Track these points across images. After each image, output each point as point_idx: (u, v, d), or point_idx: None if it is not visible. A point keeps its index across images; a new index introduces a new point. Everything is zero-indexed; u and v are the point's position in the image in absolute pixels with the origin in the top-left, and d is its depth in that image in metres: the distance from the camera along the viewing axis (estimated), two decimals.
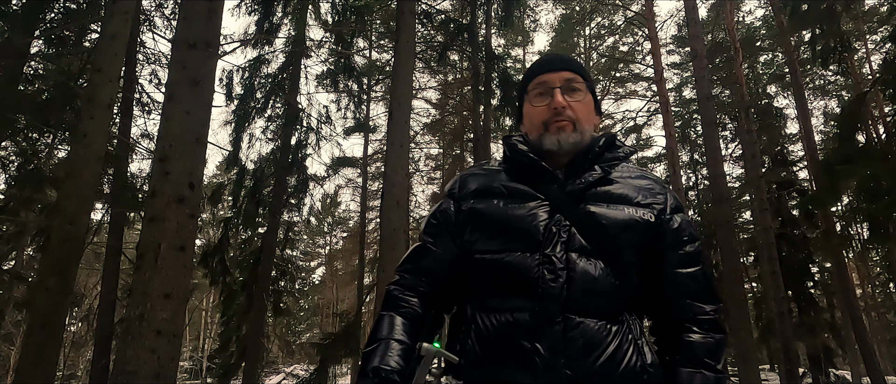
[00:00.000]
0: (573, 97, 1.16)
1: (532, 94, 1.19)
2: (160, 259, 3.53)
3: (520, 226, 1.09)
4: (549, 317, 1.02)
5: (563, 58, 1.23)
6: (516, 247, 1.08)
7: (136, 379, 3.29)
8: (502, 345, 1.04)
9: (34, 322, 4.29)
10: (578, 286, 1.03)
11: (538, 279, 1.04)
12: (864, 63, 17.61)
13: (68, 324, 12.95)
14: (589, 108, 1.20)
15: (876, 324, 25.57)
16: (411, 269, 1.20)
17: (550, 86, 1.16)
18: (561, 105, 1.13)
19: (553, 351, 1.00)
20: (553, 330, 1.01)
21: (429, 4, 10.40)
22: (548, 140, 1.14)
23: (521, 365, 1.01)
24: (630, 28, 20.41)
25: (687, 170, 19.69)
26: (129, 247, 10.88)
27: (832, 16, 7.93)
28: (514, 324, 1.03)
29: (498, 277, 1.08)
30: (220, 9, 4.32)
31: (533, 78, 1.20)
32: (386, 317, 1.14)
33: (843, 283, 12.84)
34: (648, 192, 1.15)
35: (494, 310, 1.07)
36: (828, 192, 7.57)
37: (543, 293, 1.03)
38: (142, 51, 10.40)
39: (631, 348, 1.04)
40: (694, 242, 1.15)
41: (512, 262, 1.07)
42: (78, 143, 4.69)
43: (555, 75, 1.17)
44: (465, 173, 1.27)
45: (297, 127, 11.35)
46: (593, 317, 1.03)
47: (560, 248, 1.05)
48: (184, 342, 25.54)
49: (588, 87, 1.20)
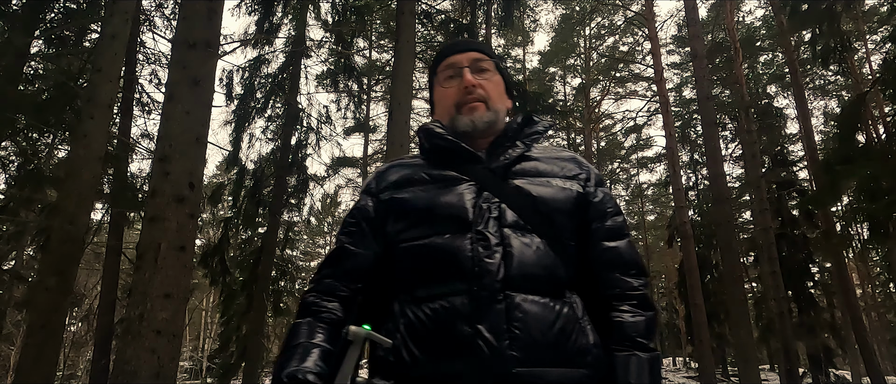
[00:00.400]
0: (482, 76, 1.14)
1: (441, 78, 1.17)
2: (160, 259, 3.53)
3: (447, 208, 1.03)
4: (490, 295, 0.94)
5: (468, 40, 1.23)
6: (445, 230, 1.01)
7: (136, 379, 3.29)
8: (439, 336, 0.95)
9: (34, 322, 4.29)
10: (517, 262, 0.97)
11: (473, 257, 0.97)
12: (864, 63, 17.62)
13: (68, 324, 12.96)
14: (500, 88, 1.18)
15: (876, 324, 25.58)
16: (329, 274, 1.10)
17: (459, 66, 1.14)
18: (471, 83, 1.11)
19: (497, 332, 0.92)
20: (495, 309, 0.94)
21: (429, 4, 10.41)
22: (461, 121, 1.11)
23: (462, 353, 0.92)
24: (630, 28, 20.42)
25: (687, 170, 19.68)
26: (129, 247, 10.87)
27: (832, 16, 7.93)
28: (450, 310, 0.95)
29: (427, 263, 1.01)
30: (220, 9, 4.32)
31: (440, 61, 1.18)
32: (302, 324, 1.02)
33: (843, 283, 12.85)
34: (570, 166, 1.14)
35: (425, 300, 0.98)
36: (828, 192, 7.58)
37: (481, 271, 0.96)
38: (142, 51, 10.40)
39: (575, 327, 0.99)
40: (618, 215, 1.12)
41: (442, 245, 1.00)
42: (78, 143, 4.69)
43: (462, 56, 1.15)
44: (381, 168, 1.20)
45: (297, 127, 11.35)
46: (536, 294, 0.97)
47: (493, 224, 1.00)
48: (184, 342, 25.53)
49: (496, 66, 1.18)
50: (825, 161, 8.62)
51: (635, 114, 22.86)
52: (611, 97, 23.60)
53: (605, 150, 25.47)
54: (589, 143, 21.02)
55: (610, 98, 23.65)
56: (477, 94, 1.11)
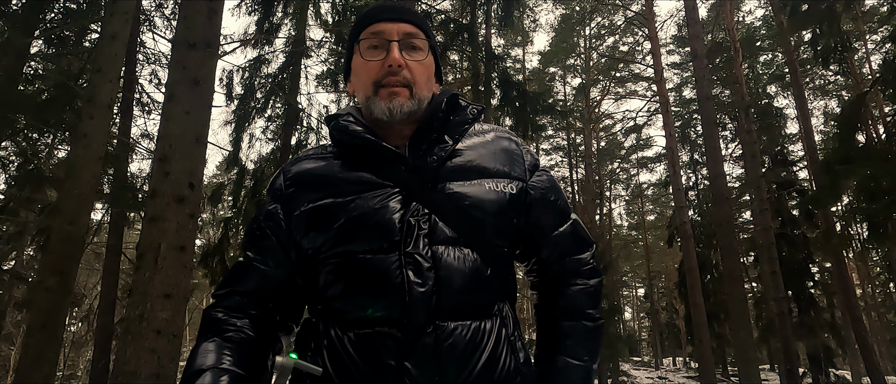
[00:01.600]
0: (412, 56, 0.98)
1: (364, 45, 0.99)
2: (160, 259, 3.53)
3: (369, 221, 0.90)
4: (419, 328, 0.86)
5: (404, 7, 1.04)
6: (369, 248, 0.90)
7: (136, 379, 3.29)
8: (363, 367, 0.86)
9: (34, 322, 4.29)
10: (449, 286, 0.88)
11: (402, 283, 0.87)
12: (864, 63, 17.62)
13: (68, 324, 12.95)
14: (429, 72, 1.02)
15: (876, 324, 25.58)
16: (232, 292, 0.97)
17: (387, 38, 0.97)
18: (397, 62, 0.95)
19: (425, 368, 0.85)
20: (424, 343, 0.85)
21: (429, 4, 10.41)
22: (377, 106, 0.95)
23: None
24: (630, 28, 20.43)
25: (687, 170, 19.70)
26: (129, 248, 10.87)
27: (832, 16, 7.94)
28: (377, 341, 0.86)
29: (350, 287, 0.90)
30: (220, 9, 4.32)
31: (367, 25, 0.99)
32: (208, 346, 0.90)
33: (843, 283, 12.85)
34: (506, 157, 1.01)
35: (352, 326, 0.89)
36: (828, 192, 7.58)
37: (411, 300, 0.86)
38: (142, 51, 10.41)
39: (505, 348, 0.92)
40: (559, 196, 1.05)
41: (367, 266, 0.89)
42: (78, 143, 4.69)
43: (393, 26, 0.98)
44: (288, 165, 1.04)
45: (298, 127, 11.35)
46: (467, 319, 0.89)
47: (423, 243, 0.89)
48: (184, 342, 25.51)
49: (430, 45, 1.02)
50: (825, 161, 8.62)
51: (635, 114, 22.90)
52: (611, 97, 23.63)
53: (605, 149, 25.47)
54: (589, 143, 21.03)
55: (610, 98, 23.67)
56: (401, 77, 0.95)
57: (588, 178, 20.45)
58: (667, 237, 19.44)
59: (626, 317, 37.74)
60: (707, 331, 12.98)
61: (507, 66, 11.98)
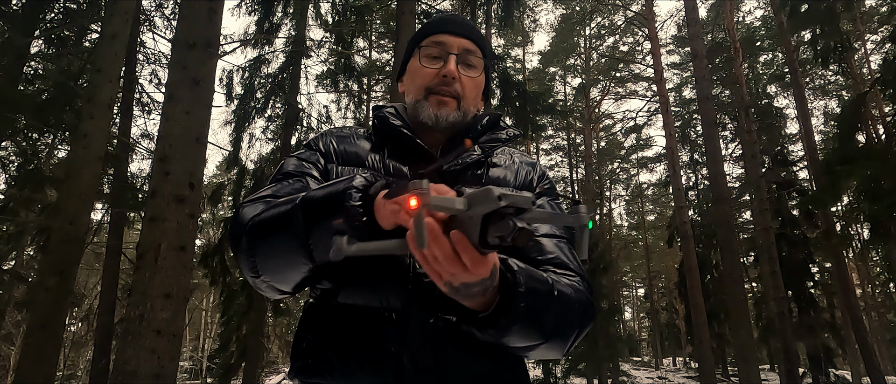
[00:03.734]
0: (467, 71, 1.04)
1: (424, 52, 1.05)
2: (160, 259, 3.53)
3: None
4: (421, 317, 0.88)
5: (469, 24, 1.10)
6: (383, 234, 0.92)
7: (136, 379, 3.29)
8: (363, 349, 0.88)
9: (34, 322, 4.29)
10: None
11: (408, 274, 0.90)
12: (864, 63, 17.62)
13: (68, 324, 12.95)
14: (479, 89, 1.08)
15: (876, 324, 25.59)
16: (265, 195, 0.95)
17: (447, 50, 1.03)
18: (452, 74, 1.01)
19: (424, 357, 0.86)
20: (426, 332, 0.87)
21: (429, 4, 10.41)
22: (424, 112, 1.01)
23: (382, 373, 0.86)
24: (630, 28, 20.44)
25: (687, 170, 19.70)
26: (129, 248, 10.88)
27: (832, 16, 7.94)
28: (378, 327, 0.88)
29: (360, 272, 0.91)
30: (220, 9, 4.32)
31: (431, 34, 1.06)
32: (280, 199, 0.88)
33: (843, 283, 12.85)
34: (524, 173, 1.07)
35: (356, 311, 0.91)
36: (828, 192, 7.59)
37: (415, 290, 0.89)
38: (142, 51, 10.41)
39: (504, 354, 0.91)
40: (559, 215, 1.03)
41: None
42: (78, 143, 4.69)
43: (455, 40, 1.04)
44: (328, 132, 1.09)
45: (298, 127, 11.35)
46: None
47: None
48: (184, 342, 25.56)
49: (485, 65, 1.08)
50: (825, 161, 8.62)
51: (635, 114, 22.91)
52: (611, 97, 23.63)
53: (605, 150, 25.48)
54: (589, 143, 21.03)
55: (610, 98, 23.68)
56: (453, 88, 1.01)
57: (588, 177, 20.46)
58: (667, 237, 19.43)
59: (626, 317, 37.74)
60: (707, 331, 12.98)
61: (507, 66, 11.99)
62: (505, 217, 0.56)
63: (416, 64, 1.06)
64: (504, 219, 0.56)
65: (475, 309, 0.77)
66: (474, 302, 0.74)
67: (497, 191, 0.55)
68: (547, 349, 0.85)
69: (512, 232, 0.55)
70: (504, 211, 0.56)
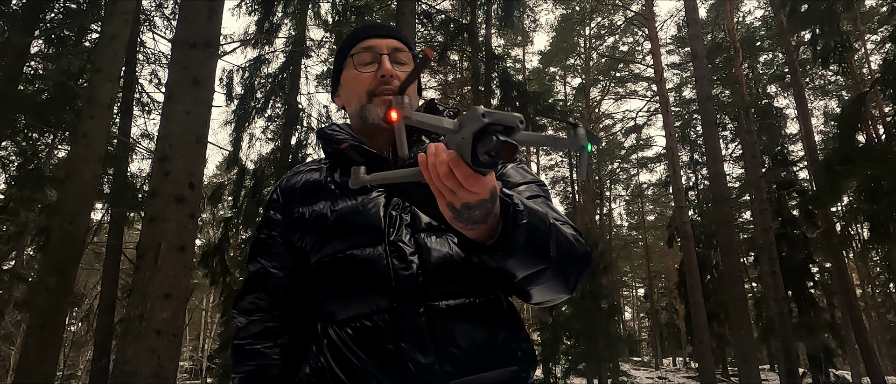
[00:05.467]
0: (401, 68, 1.06)
1: (356, 60, 1.07)
2: (160, 259, 3.53)
3: (358, 219, 0.97)
4: (410, 310, 0.90)
5: (389, 26, 1.13)
6: (358, 243, 0.95)
7: (136, 379, 3.29)
8: (363, 355, 0.91)
9: (34, 322, 4.29)
10: (434, 268, 0.92)
11: (389, 270, 0.92)
12: (864, 63, 17.62)
13: (68, 324, 12.95)
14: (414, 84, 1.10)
15: (876, 324, 25.59)
16: (253, 306, 1.06)
17: (378, 52, 1.05)
18: (390, 73, 1.03)
19: (422, 348, 0.88)
20: (417, 324, 0.89)
21: (429, 4, 10.41)
22: (372, 113, 1.03)
23: (387, 372, 0.89)
24: (630, 28, 20.44)
25: (687, 170, 19.69)
26: (129, 247, 10.87)
27: (832, 16, 7.93)
28: (372, 329, 0.91)
29: (344, 281, 0.96)
30: (220, 9, 4.32)
31: (357, 41, 1.08)
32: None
33: (843, 283, 12.84)
34: None
35: (347, 320, 0.94)
36: (828, 192, 7.59)
37: (398, 285, 0.91)
38: (142, 51, 10.40)
39: (499, 320, 0.94)
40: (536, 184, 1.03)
41: (356, 260, 0.95)
42: (78, 143, 4.69)
43: (382, 41, 1.07)
44: (284, 179, 1.13)
45: (298, 127, 11.34)
46: (457, 298, 0.92)
47: (406, 232, 0.95)
48: (184, 342, 25.55)
49: (413, 57, 1.10)
50: (825, 161, 8.62)
51: (635, 114, 22.90)
52: (611, 97, 23.63)
53: (605, 150, 25.47)
54: None
55: (610, 98, 23.67)
56: (393, 87, 1.03)
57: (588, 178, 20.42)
58: (667, 237, 19.43)
59: (626, 317, 37.75)
60: (707, 331, 12.98)
61: (507, 66, 11.98)
62: (491, 134, 0.58)
63: (352, 72, 1.08)
64: (489, 135, 0.58)
65: (481, 241, 0.77)
66: (478, 231, 0.74)
67: (482, 109, 0.58)
68: (553, 279, 0.82)
69: (495, 146, 0.57)
70: (491, 129, 0.58)
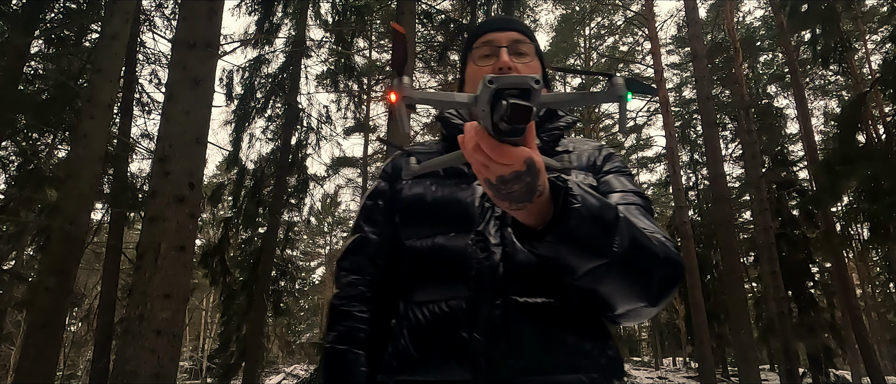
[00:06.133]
0: (520, 59, 1.07)
1: (477, 55, 1.09)
2: (160, 259, 3.53)
3: (453, 206, 0.99)
4: (487, 300, 0.91)
5: (511, 18, 1.14)
6: (448, 229, 0.98)
7: (136, 379, 3.29)
8: (438, 340, 0.93)
9: (34, 322, 4.29)
10: (516, 263, 0.92)
11: (472, 260, 0.93)
12: (864, 63, 17.61)
13: (68, 324, 12.95)
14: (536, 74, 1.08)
15: (876, 324, 25.57)
16: (352, 268, 1.10)
17: (497, 45, 1.07)
18: (506, 65, 1.03)
19: (494, 339, 0.89)
20: (492, 315, 0.90)
21: (429, 4, 10.40)
22: None
23: (459, 360, 0.90)
24: (630, 28, 20.43)
25: (687, 170, 19.69)
26: (129, 247, 10.87)
27: (832, 16, 7.93)
28: (449, 315, 0.93)
29: (429, 264, 0.98)
30: (220, 9, 4.32)
31: (478, 37, 1.11)
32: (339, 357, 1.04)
33: (843, 283, 12.84)
34: (587, 156, 1.07)
35: (427, 303, 0.96)
36: (828, 192, 7.59)
37: (478, 274, 0.92)
38: (142, 51, 10.40)
39: (584, 327, 0.92)
40: (635, 193, 1.00)
41: (443, 246, 0.97)
42: (78, 143, 4.69)
43: (502, 35, 1.08)
44: (399, 154, 1.18)
45: (297, 127, 11.35)
46: (538, 296, 0.91)
47: (494, 225, 0.96)
48: (184, 342, 25.55)
49: (536, 51, 1.11)
50: (825, 161, 8.63)
51: (635, 114, 22.85)
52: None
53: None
54: None
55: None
56: None
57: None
58: None
59: None
60: (707, 331, 12.97)
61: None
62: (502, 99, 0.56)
63: (473, 67, 1.09)
64: (499, 101, 0.56)
65: (532, 225, 0.73)
66: (527, 212, 0.70)
67: (489, 76, 0.57)
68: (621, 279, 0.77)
69: (505, 111, 0.55)
70: (502, 95, 0.56)
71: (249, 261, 11.34)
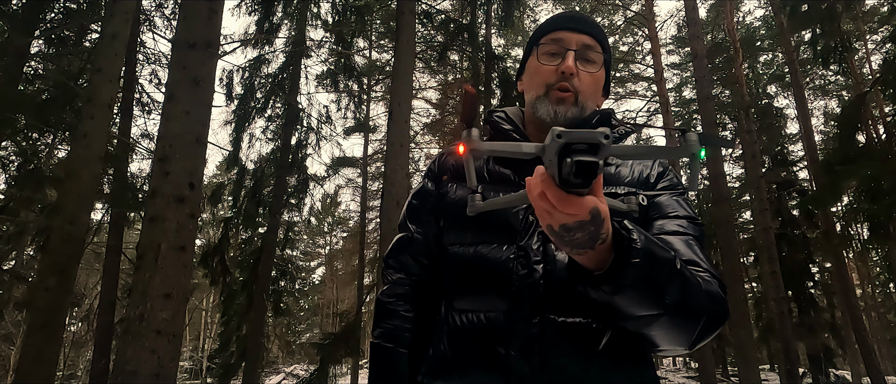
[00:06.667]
0: (585, 67, 1.02)
1: (542, 49, 1.05)
2: (160, 259, 3.53)
3: (496, 216, 0.96)
4: (524, 317, 0.89)
5: (588, 19, 1.09)
6: (491, 240, 0.96)
7: (136, 379, 3.29)
8: (475, 351, 0.92)
9: (34, 322, 4.29)
10: (556, 281, 0.90)
11: (511, 274, 0.92)
12: (864, 63, 17.61)
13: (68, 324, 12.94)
14: (598, 85, 1.06)
15: (876, 324, 25.58)
16: (398, 266, 1.11)
17: (565, 46, 1.02)
18: (570, 70, 0.99)
19: (529, 357, 0.87)
20: (529, 332, 0.88)
21: (429, 4, 10.40)
22: (543, 108, 1.01)
23: (495, 374, 0.89)
24: (630, 28, 20.42)
25: (687, 170, 19.66)
26: (129, 248, 10.87)
27: (832, 16, 7.93)
28: (487, 328, 0.92)
29: (470, 273, 0.97)
30: (220, 9, 4.32)
31: (549, 32, 1.05)
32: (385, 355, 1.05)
33: (843, 283, 12.84)
34: (639, 170, 1.03)
35: (467, 311, 0.96)
36: (828, 192, 7.58)
37: (517, 290, 0.91)
38: (142, 51, 10.40)
39: (622, 352, 0.89)
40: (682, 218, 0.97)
41: (485, 256, 0.96)
42: (78, 143, 4.69)
43: (573, 36, 1.03)
44: (444, 152, 1.16)
45: (297, 127, 11.35)
46: (577, 316, 0.89)
47: (537, 239, 0.93)
48: (184, 342, 25.55)
49: (605, 60, 1.06)
50: (825, 161, 8.63)
51: (635, 114, 22.85)
52: (611, 97, 23.63)
53: None
54: None
55: (610, 98, 23.68)
56: (571, 84, 1.00)
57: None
58: None
59: None
60: None
61: (507, 66, 11.95)
62: (568, 155, 0.56)
63: (535, 62, 1.06)
64: (566, 157, 0.56)
65: (590, 268, 0.73)
66: (587, 257, 0.70)
67: (558, 130, 0.56)
68: (669, 327, 0.78)
69: (570, 168, 0.56)
70: (570, 149, 0.56)
71: (249, 261, 11.33)
